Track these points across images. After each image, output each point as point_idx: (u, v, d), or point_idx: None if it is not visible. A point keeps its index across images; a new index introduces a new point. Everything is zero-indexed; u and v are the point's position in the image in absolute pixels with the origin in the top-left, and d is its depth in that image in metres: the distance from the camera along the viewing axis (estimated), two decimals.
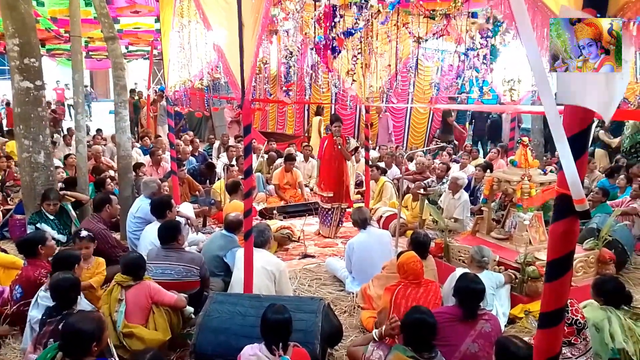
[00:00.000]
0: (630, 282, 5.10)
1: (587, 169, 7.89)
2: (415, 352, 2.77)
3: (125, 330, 3.46)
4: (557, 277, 1.63)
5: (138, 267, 3.65)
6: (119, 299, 3.55)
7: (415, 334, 2.83)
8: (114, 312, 3.52)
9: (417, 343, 2.80)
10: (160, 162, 8.16)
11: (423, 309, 3.06)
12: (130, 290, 3.57)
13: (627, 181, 7.13)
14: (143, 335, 3.47)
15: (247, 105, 3.58)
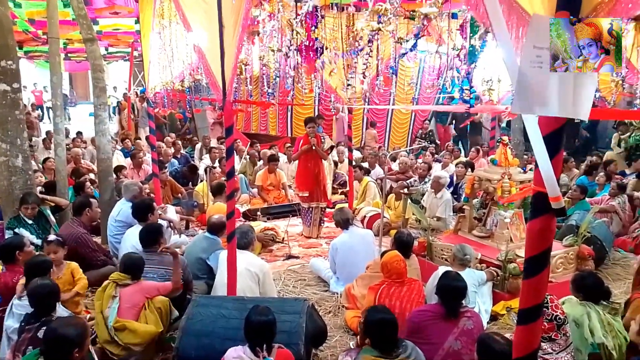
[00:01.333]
0: (609, 277, 5.20)
1: (566, 167, 8.04)
2: (382, 352, 2.78)
3: (117, 325, 3.46)
4: (535, 273, 1.65)
5: (138, 268, 3.72)
6: (112, 295, 3.58)
7: (378, 335, 2.84)
8: (107, 308, 3.53)
9: (382, 343, 2.81)
10: (141, 165, 8.07)
11: (380, 307, 3.08)
12: (126, 289, 3.60)
13: (606, 179, 7.28)
14: (135, 328, 3.48)
15: (229, 107, 3.57)
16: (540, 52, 1.41)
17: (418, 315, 3.32)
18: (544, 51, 1.41)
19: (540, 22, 1.42)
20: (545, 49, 1.43)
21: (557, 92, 1.42)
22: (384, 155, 9.09)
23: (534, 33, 1.40)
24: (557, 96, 1.41)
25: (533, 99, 1.39)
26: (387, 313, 2.93)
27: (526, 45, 1.40)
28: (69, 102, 21.10)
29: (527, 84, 1.38)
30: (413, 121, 13.02)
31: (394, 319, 2.89)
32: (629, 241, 6.10)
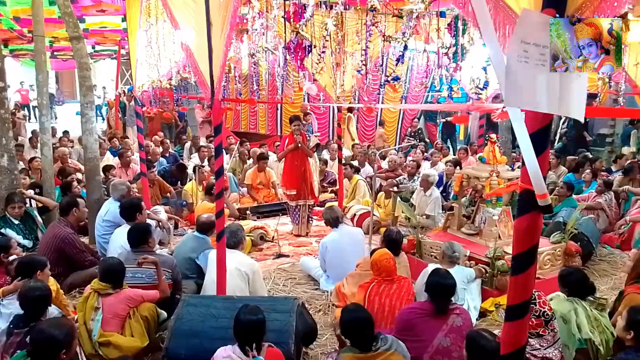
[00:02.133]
0: (595, 273, 5.27)
1: (552, 164, 8.12)
2: (361, 350, 2.80)
3: (102, 339, 3.38)
4: (522, 270, 1.67)
5: (118, 275, 3.55)
6: (95, 307, 3.46)
7: (355, 333, 2.86)
8: (90, 320, 3.43)
9: (359, 341, 2.83)
10: (129, 164, 8.00)
11: (352, 306, 3.08)
12: (108, 299, 3.48)
13: (593, 176, 7.36)
14: (120, 343, 3.40)
15: (217, 105, 3.55)
16: (527, 47, 1.41)
17: (407, 312, 3.33)
18: (530, 46, 1.41)
19: (529, 17, 1.42)
20: (533, 44, 1.44)
21: (545, 88, 1.43)
22: (374, 154, 9.11)
23: (521, 28, 1.40)
24: (545, 92, 1.42)
25: (521, 93, 1.40)
26: (360, 311, 2.96)
27: (513, 40, 1.40)
28: (56, 101, 20.86)
29: (515, 79, 1.39)
30: (402, 119, 13.06)
31: (368, 316, 2.92)
32: (615, 237, 6.18)
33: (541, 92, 1.41)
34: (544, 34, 1.43)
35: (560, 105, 1.43)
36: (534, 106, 1.41)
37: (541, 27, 1.42)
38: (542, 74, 1.42)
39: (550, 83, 1.42)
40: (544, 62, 1.42)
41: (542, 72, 1.41)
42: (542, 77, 1.42)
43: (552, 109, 1.42)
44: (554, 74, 1.43)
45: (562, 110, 1.44)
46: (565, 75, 1.44)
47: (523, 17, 1.41)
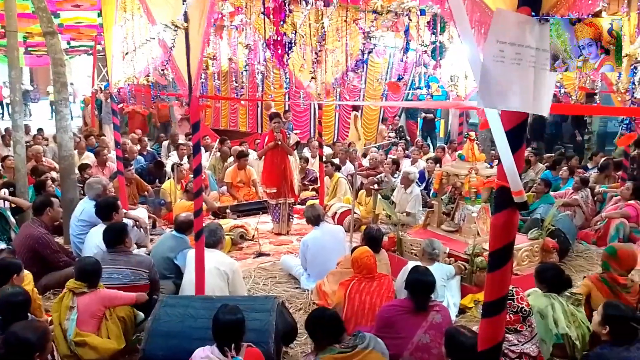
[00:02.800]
0: (572, 269, 5.36)
1: (531, 162, 8.23)
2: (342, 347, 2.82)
3: (78, 339, 3.32)
4: (499, 266, 1.67)
5: (94, 274, 3.49)
6: (70, 306, 3.41)
7: (323, 333, 2.88)
8: (65, 320, 3.37)
9: (330, 340, 2.86)
10: (106, 162, 7.86)
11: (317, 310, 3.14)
12: (82, 298, 3.41)
13: (570, 173, 7.49)
14: (96, 345, 3.34)
15: (195, 102, 3.50)
16: (503, 46, 1.41)
17: (387, 310, 3.33)
18: (506, 46, 1.41)
19: (503, 17, 1.42)
20: (508, 44, 1.44)
21: (519, 87, 1.43)
22: (354, 152, 9.12)
23: (496, 27, 1.40)
24: (518, 91, 1.42)
25: (496, 93, 1.40)
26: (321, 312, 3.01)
27: (489, 40, 1.40)
28: (31, 98, 20.41)
29: (490, 79, 1.39)
30: (383, 117, 13.09)
31: (333, 314, 2.97)
32: (591, 234, 6.29)
33: (515, 91, 1.42)
34: (519, 33, 1.43)
35: (533, 103, 1.43)
36: (507, 105, 1.41)
37: (516, 26, 1.42)
38: (517, 73, 1.42)
39: (524, 82, 1.43)
40: (519, 61, 1.42)
41: (517, 71, 1.41)
42: (517, 77, 1.42)
43: (526, 108, 1.43)
44: (528, 73, 1.44)
45: (534, 109, 1.45)
46: (539, 73, 1.45)
47: (497, 17, 1.41)
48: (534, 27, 1.45)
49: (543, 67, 1.51)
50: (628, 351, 2.81)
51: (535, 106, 1.48)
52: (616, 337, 2.89)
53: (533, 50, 1.46)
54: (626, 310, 2.97)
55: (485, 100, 1.39)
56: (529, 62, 1.44)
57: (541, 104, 1.50)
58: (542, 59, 1.50)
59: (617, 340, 2.88)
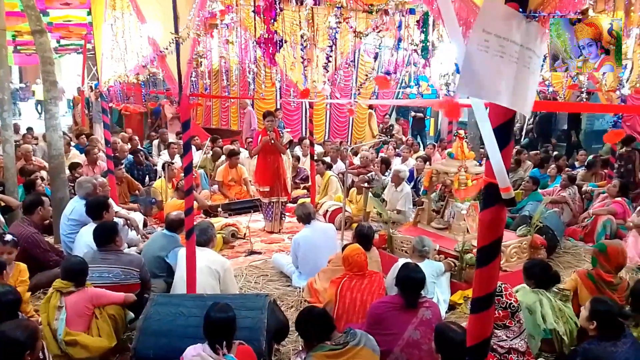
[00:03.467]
0: (560, 265, 5.42)
1: (520, 160, 8.31)
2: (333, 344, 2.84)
3: (68, 338, 3.30)
4: (487, 262, 1.69)
5: (80, 273, 3.47)
6: (58, 306, 3.37)
7: (313, 332, 2.91)
8: (54, 320, 3.34)
9: (321, 337, 2.88)
10: (96, 161, 7.81)
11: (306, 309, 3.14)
12: (70, 297, 3.40)
13: (558, 171, 7.57)
14: (87, 343, 3.33)
15: (185, 100, 3.49)
16: (488, 37, 1.41)
17: (378, 306, 3.36)
18: (491, 37, 1.41)
19: (492, 7, 1.42)
20: (494, 35, 1.44)
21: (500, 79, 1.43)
22: (345, 150, 9.14)
23: (484, 16, 1.40)
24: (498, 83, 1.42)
25: (478, 82, 1.39)
26: (312, 309, 3.05)
27: (475, 28, 1.40)
28: (20, 97, 20.18)
29: (473, 66, 1.38)
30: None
31: (320, 312, 2.99)
32: (579, 230, 6.37)
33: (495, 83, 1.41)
34: (505, 26, 1.43)
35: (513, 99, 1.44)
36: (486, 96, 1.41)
37: (503, 18, 1.42)
38: (499, 65, 1.42)
39: (505, 76, 1.43)
40: (502, 54, 1.42)
41: (499, 64, 1.42)
42: (499, 69, 1.42)
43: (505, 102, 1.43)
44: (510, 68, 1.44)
45: (514, 104, 1.45)
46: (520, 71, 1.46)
47: (486, 7, 1.41)
48: (520, 23, 1.46)
49: (526, 65, 1.51)
50: (615, 346, 2.85)
51: (515, 102, 1.49)
52: (603, 332, 2.94)
53: (517, 47, 1.46)
54: (613, 305, 3.02)
55: (467, 87, 1.39)
56: (512, 57, 1.44)
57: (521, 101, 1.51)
58: (526, 57, 1.50)
59: (604, 335, 2.93)
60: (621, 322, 2.92)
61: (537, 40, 1.54)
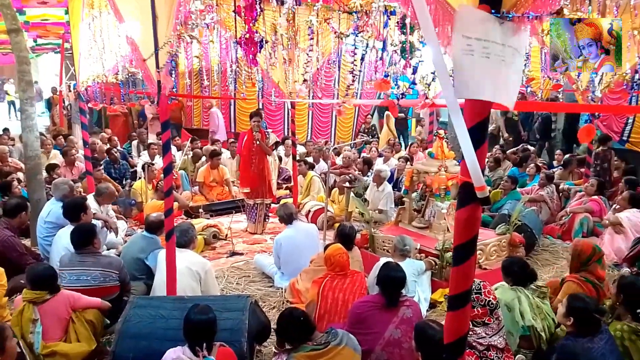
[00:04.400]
0: (538, 263, 5.51)
1: (500, 159, 8.42)
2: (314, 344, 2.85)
3: (45, 351, 3.24)
4: (463, 260, 1.72)
5: (51, 278, 3.40)
6: (33, 319, 3.28)
7: (294, 333, 2.92)
8: (29, 334, 3.26)
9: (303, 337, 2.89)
10: (74, 162, 7.68)
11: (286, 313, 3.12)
12: (45, 305, 3.32)
13: (536, 170, 7.69)
14: (66, 351, 3.28)
15: (164, 101, 3.46)
16: (470, 41, 1.44)
17: (359, 306, 3.37)
18: (473, 40, 1.44)
19: (466, 14, 1.45)
20: (474, 39, 1.47)
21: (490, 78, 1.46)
22: (327, 150, 9.16)
23: (461, 23, 1.43)
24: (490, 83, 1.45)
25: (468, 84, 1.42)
26: (291, 311, 3.05)
27: (455, 35, 1.43)
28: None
29: (462, 71, 1.41)
30: (357, 116, 13.18)
31: (300, 313, 2.99)
32: (556, 228, 6.48)
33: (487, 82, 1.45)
34: (483, 29, 1.46)
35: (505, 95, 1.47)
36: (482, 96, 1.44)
37: (479, 22, 1.45)
38: (488, 66, 1.45)
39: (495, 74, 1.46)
40: (487, 54, 1.45)
41: (487, 64, 1.45)
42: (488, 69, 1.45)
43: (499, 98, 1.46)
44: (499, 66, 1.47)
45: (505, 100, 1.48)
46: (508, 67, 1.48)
47: (460, 14, 1.44)
48: (494, 24, 1.49)
49: (511, 62, 1.55)
50: (592, 342, 2.90)
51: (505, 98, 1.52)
52: (580, 328, 2.99)
53: (500, 46, 1.49)
54: (590, 302, 3.06)
55: (461, 91, 1.41)
56: (498, 55, 1.47)
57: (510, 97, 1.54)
58: (509, 55, 1.53)
59: (581, 331, 2.97)
60: (598, 318, 2.97)
61: (516, 36, 1.56)
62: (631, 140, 9.11)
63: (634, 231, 5.49)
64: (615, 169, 7.95)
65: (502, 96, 1.51)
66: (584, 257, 3.92)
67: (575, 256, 3.97)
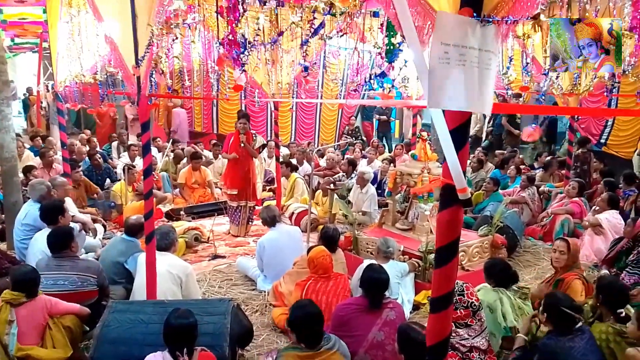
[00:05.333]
0: (520, 264, 5.56)
1: (482, 161, 8.50)
2: (307, 347, 2.81)
3: (20, 353, 3.16)
4: (445, 262, 1.71)
5: (32, 283, 3.32)
6: (9, 320, 3.22)
7: (304, 329, 2.86)
8: (4, 335, 3.20)
9: (308, 337, 2.84)
10: (52, 164, 7.52)
11: (305, 302, 3.09)
12: (21, 309, 3.24)
13: (517, 172, 7.78)
14: (41, 356, 3.19)
15: (144, 101, 3.40)
16: (447, 48, 1.44)
17: (343, 308, 3.35)
18: (450, 47, 1.44)
19: (446, 19, 1.45)
20: (452, 45, 1.47)
21: (465, 87, 1.46)
22: (311, 152, 9.14)
23: (440, 30, 1.43)
24: (464, 91, 1.45)
25: (443, 94, 1.42)
26: (311, 306, 2.95)
27: (434, 42, 1.43)
28: None
29: (437, 80, 1.41)
30: (341, 117, 13.20)
31: (320, 313, 2.91)
32: (538, 229, 6.55)
33: (461, 91, 1.44)
34: (462, 35, 1.46)
35: (478, 103, 1.47)
36: (455, 105, 1.44)
37: (457, 27, 1.45)
38: (462, 73, 1.45)
39: (469, 82, 1.46)
40: (463, 62, 1.45)
41: (462, 72, 1.44)
42: (462, 77, 1.45)
43: (472, 107, 1.46)
44: (473, 73, 1.47)
45: (480, 108, 1.48)
46: (483, 73, 1.48)
47: (440, 19, 1.44)
48: (475, 28, 1.49)
49: (487, 67, 1.55)
50: (572, 341, 2.92)
51: (481, 106, 1.52)
52: (557, 325, 3.00)
53: (476, 51, 1.49)
54: (563, 299, 3.06)
55: (432, 101, 1.41)
56: (472, 62, 1.47)
57: (485, 103, 1.54)
58: (486, 59, 1.53)
59: (560, 330, 2.98)
60: (572, 315, 2.97)
61: (494, 41, 1.57)
62: (609, 143, 9.28)
63: (613, 232, 5.57)
64: (595, 171, 8.08)
65: (476, 104, 1.50)
66: (577, 257, 3.98)
67: (573, 254, 3.99)
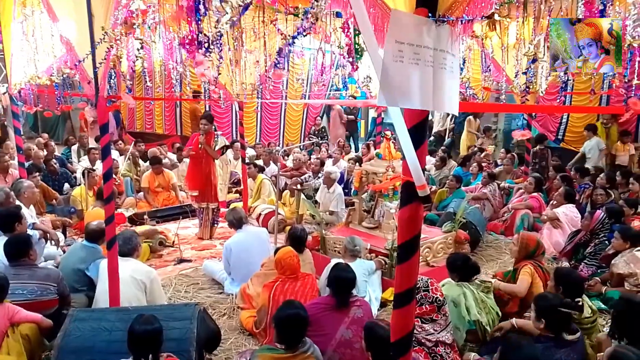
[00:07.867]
0: (483, 258, 5.70)
1: (445, 159, 8.67)
2: (286, 348, 2.80)
3: None
4: (407, 258, 1.74)
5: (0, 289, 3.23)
6: None
7: (290, 330, 2.86)
8: None
9: (289, 339, 2.84)
10: (8, 169, 7.22)
11: (296, 303, 3.09)
12: None
13: (479, 169, 7.97)
14: None
15: (102, 103, 3.32)
16: (402, 46, 1.46)
17: (310, 308, 3.34)
18: (405, 46, 1.46)
19: (400, 18, 1.47)
20: (407, 44, 1.49)
21: (418, 86, 1.48)
22: (277, 152, 9.11)
23: (394, 28, 1.45)
24: (418, 90, 1.48)
25: (396, 92, 1.44)
26: (303, 310, 2.96)
27: (388, 40, 1.45)
28: None
29: (390, 78, 1.43)
30: (306, 118, 13.20)
31: (307, 318, 2.94)
32: (499, 225, 6.74)
33: (415, 90, 1.47)
34: (416, 34, 1.48)
35: (434, 101, 1.50)
36: (408, 103, 1.46)
37: (413, 27, 1.47)
38: (416, 72, 1.47)
39: (423, 81, 1.48)
40: (417, 61, 1.48)
41: (415, 70, 1.47)
42: (416, 76, 1.47)
43: (426, 106, 1.49)
44: (427, 73, 1.50)
45: (435, 107, 1.51)
46: (438, 73, 1.51)
47: (394, 18, 1.46)
48: (430, 28, 1.52)
49: (442, 66, 1.58)
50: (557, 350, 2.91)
51: (436, 105, 1.55)
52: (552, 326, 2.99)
53: (431, 51, 1.52)
54: (553, 298, 3.08)
55: (386, 98, 1.43)
56: (427, 62, 1.50)
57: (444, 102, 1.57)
58: (440, 59, 1.56)
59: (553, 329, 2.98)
60: (567, 314, 2.98)
61: (449, 41, 1.60)
62: (566, 139, 9.64)
63: (571, 225, 5.78)
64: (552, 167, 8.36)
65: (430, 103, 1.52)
66: (530, 249, 4.09)
67: (522, 247, 4.10)
